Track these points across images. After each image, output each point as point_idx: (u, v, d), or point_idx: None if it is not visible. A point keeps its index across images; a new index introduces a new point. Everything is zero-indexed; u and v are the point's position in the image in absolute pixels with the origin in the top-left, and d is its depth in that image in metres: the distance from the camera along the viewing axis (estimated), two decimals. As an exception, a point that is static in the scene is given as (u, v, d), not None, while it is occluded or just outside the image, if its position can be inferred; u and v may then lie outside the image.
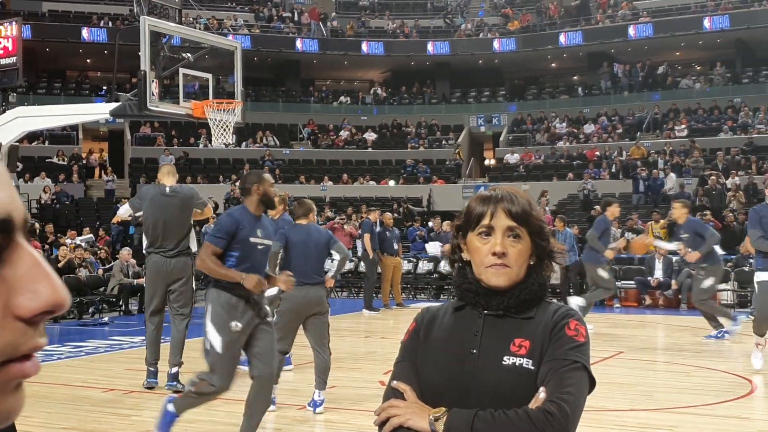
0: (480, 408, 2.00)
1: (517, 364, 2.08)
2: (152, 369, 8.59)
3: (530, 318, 2.15)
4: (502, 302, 2.15)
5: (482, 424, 1.97)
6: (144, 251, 8.78)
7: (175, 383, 8.42)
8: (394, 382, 2.16)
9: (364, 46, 37.28)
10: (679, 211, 11.97)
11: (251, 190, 5.88)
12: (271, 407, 7.01)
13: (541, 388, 2.03)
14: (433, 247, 20.93)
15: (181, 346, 8.51)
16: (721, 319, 12.01)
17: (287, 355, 9.91)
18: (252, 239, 5.80)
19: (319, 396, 7.40)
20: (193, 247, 8.73)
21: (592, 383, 2.10)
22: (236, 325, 5.74)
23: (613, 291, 14.27)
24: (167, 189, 8.59)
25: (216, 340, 5.77)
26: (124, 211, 9.25)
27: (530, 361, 2.08)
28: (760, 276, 8.84)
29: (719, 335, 11.96)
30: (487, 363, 2.09)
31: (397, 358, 2.23)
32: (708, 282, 11.59)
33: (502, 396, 2.04)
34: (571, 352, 2.07)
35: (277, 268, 7.35)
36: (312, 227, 7.57)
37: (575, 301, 12.07)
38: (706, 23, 33.67)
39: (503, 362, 2.08)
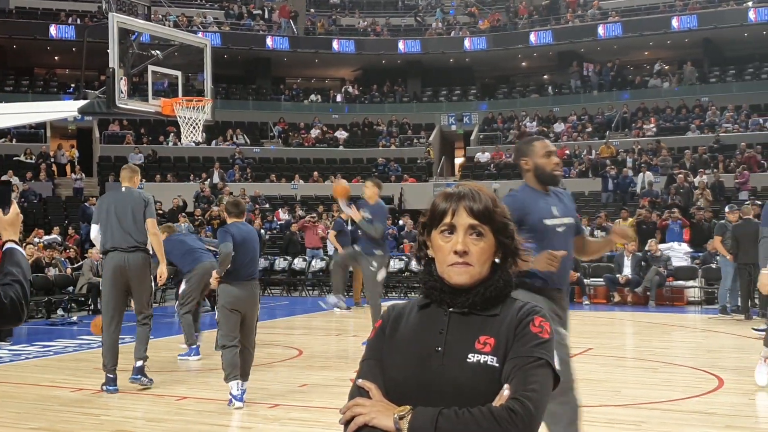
0: (445, 406, 2.00)
1: (481, 361, 2.07)
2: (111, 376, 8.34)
3: (495, 315, 2.14)
4: (468, 300, 2.15)
5: (446, 422, 1.97)
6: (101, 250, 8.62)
7: (139, 377, 8.42)
8: (359, 380, 2.16)
9: (335, 44, 37.24)
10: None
11: (520, 166, 5.10)
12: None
13: (506, 386, 2.03)
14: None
15: (146, 341, 8.46)
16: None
17: (195, 346, 10.14)
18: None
19: (241, 387, 7.56)
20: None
21: (556, 380, 2.10)
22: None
23: None
24: (122, 188, 8.69)
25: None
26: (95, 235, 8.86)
27: (495, 359, 2.07)
28: None
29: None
30: (452, 360, 2.09)
31: (363, 357, 2.23)
32: None
33: (466, 393, 2.04)
34: (536, 349, 2.07)
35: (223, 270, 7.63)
36: (248, 226, 7.97)
37: None
38: (674, 23, 34.00)
39: (468, 360, 2.08)
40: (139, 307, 8.51)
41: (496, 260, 2.20)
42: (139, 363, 8.44)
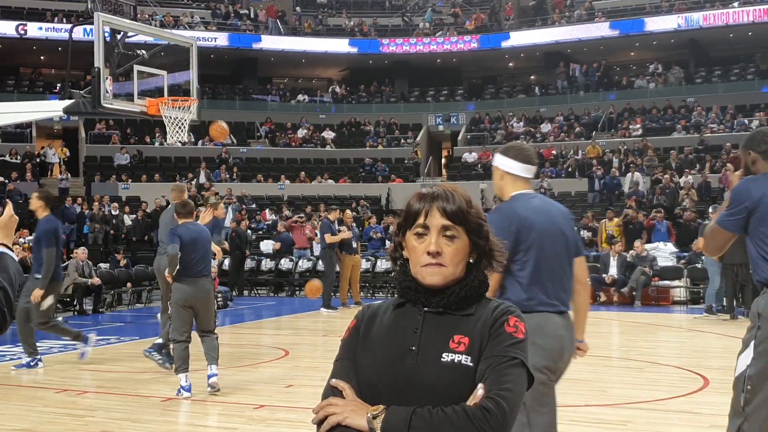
0: (418, 405, 2.00)
1: (455, 360, 2.07)
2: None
3: (470, 315, 2.14)
4: (443, 299, 2.15)
5: (419, 422, 1.97)
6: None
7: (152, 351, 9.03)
8: (333, 380, 2.15)
9: (323, 44, 37.22)
10: None
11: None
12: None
13: (480, 385, 2.03)
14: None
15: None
16: None
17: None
18: None
19: (213, 370, 8.06)
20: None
21: (530, 380, 2.10)
22: None
23: None
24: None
25: None
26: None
27: (469, 358, 2.07)
28: None
29: None
30: (426, 360, 2.08)
31: (337, 356, 2.23)
32: None
33: (440, 393, 2.04)
34: (510, 349, 2.07)
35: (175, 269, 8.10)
36: (197, 225, 8.45)
37: None
38: (660, 24, 34.10)
39: (442, 359, 2.08)
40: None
41: (471, 260, 2.19)
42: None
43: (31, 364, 9.86)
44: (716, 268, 14.94)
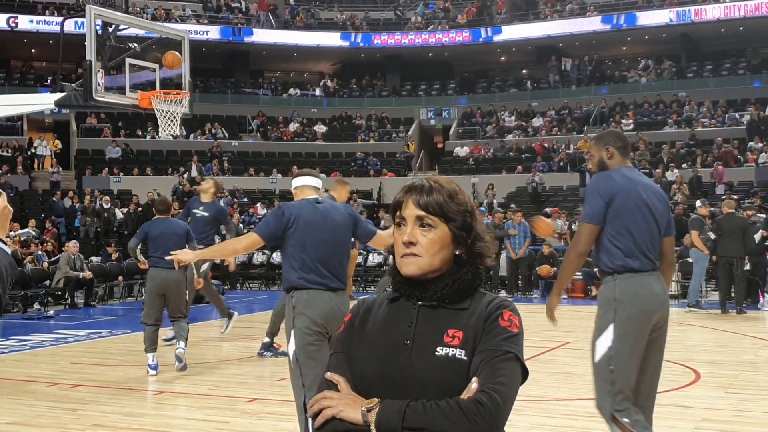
0: (413, 399, 2.01)
1: (450, 354, 2.08)
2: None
3: (464, 309, 2.15)
4: (436, 293, 2.15)
5: (414, 415, 1.97)
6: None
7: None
8: (328, 373, 2.16)
9: (314, 38, 37.16)
10: None
11: None
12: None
13: (474, 379, 2.03)
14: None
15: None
16: None
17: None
18: None
19: (181, 345, 9.02)
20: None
21: (525, 374, 2.11)
22: None
23: None
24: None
25: None
26: None
27: (463, 352, 2.08)
28: None
29: None
30: (420, 354, 2.09)
31: (332, 350, 2.23)
32: None
33: (434, 386, 2.05)
34: (504, 343, 2.08)
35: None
36: (169, 221, 9.26)
37: None
38: (652, 18, 34.13)
39: (436, 353, 2.08)
40: None
41: (457, 252, 2.19)
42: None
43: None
44: (705, 263, 15.00)
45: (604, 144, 4.87)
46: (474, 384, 2.03)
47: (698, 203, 16.20)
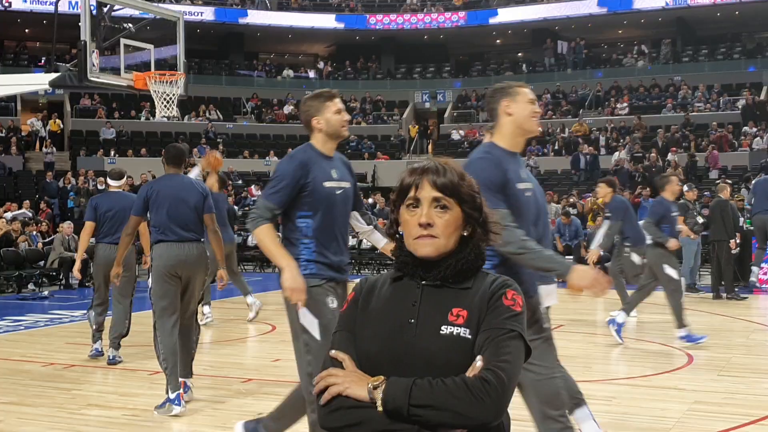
0: (418, 377, 2.02)
1: (454, 333, 2.09)
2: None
3: (468, 288, 2.16)
4: (440, 272, 2.16)
5: (420, 392, 1.99)
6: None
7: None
8: (333, 351, 2.17)
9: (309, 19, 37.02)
10: (603, 190, 11.38)
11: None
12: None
13: (478, 357, 2.05)
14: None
15: None
16: None
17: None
18: None
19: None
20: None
21: (527, 352, 2.13)
22: None
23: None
24: None
25: None
26: None
27: (467, 330, 2.10)
28: None
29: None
30: (425, 332, 2.10)
31: (336, 328, 2.24)
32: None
33: (439, 365, 2.06)
34: (508, 321, 2.09)
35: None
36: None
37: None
38: (648, 2, 34.06)
39: (441, 331, 2.10)
40: None
41: (465, 233, 2.21)
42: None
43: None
44: (693, 247, 15.05)
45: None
46: (479, 362, 2.04)
47: (685, 188, 16.23)
